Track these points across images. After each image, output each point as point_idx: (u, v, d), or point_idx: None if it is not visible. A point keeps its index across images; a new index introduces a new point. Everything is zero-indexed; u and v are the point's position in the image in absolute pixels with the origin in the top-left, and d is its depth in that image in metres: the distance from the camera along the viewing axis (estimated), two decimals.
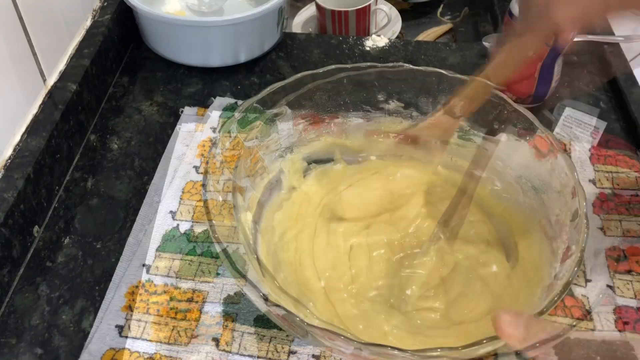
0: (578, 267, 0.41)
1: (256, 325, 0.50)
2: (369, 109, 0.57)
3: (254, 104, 0.50)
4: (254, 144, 0.52)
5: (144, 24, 0.75)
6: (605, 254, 0.55)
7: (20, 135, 0.59)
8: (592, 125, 0.66)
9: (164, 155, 0.63)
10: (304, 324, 0.37)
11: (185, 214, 0.58)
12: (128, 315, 0.50)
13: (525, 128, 0.51)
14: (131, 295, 0.52)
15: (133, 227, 0.57)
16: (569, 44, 0.64)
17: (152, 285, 0.52)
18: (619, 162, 0.63)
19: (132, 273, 0.53)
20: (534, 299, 0.44)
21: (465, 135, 0.55)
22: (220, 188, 0.47)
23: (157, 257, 0.54)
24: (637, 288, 0.53)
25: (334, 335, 0.37)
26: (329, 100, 0.55)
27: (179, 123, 0.67)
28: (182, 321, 0.50)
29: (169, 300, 0.51)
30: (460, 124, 0.54)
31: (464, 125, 0.55)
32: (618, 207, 0.58)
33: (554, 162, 0.49)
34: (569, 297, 0.51)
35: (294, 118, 0.54)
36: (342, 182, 0.57)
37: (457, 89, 0.52)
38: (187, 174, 0.61)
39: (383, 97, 0.56)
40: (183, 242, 0.55)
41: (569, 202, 0.46)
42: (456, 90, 0.52)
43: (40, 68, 0.62)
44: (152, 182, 0.61)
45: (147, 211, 0.58)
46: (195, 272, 0.53)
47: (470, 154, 0.54)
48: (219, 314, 0.50)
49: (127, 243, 0.56)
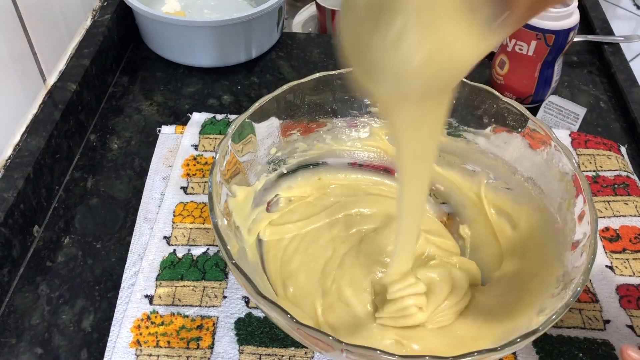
0: (594, 253, 0.41)
1: (273, 346, 0.48)
2: (356, 113, 0.57)
3: (245, 120, 0.50)
4: (249, 159, 0.52)
5: (143, 24, 0.75)
6: (599, 235, 0.56)
7: (20, 135, 0.59)
8: (572, 112, 0.66)
9: (148, 178, 0.61)
10: (341, 344, 0.37)
11: (181, 238, 0.55)
12: (137, 351, 0.48)
13: (516, 120, 0.51)
14: (137, 330, 0.49)
15: (128, 257, 0.54)
16: (569, 44, 0.64)
17: (157, 316, 0.50)
18: (599, 144, 0.64)
19: (135, 306, 0.50)
20: (550, 290, 0.44)
21: (454, 131, 0.55)
22: (222, 209, 0.46)
23: (159, 286, 0.52)
24: (634, 266, 0.54)
25: (371, 351, 0.37)
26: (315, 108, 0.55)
27: (158, 145, 0.64)
28: (196, 350, 0.48)
29: (178, 330, 0.49)
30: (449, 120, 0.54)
31: (453, 122, 0.55)
32: (604, 188, 0.60)
33: (549, 151, 0.49)
34: None
35: (282, 129, 0.54)
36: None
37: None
38: (176, 196, 0.59)
39: (370, 101, 0.56)
40: (183, 268, 0.53)
41: (570, 189, 0.46)
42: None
43: (40, 68, 0.62)
44: (140, 207, 0.58)
45: (139, 240, 0.56)
46: (200, 297, 0.52)
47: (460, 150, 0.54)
48: (233, 339, 0.49)
49: (124, 275, 0.53)
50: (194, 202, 0.58)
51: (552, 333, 0.49)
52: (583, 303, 0.51)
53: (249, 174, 0.52)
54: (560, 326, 0.50)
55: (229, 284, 0.52)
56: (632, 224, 0.57)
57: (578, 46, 0.79)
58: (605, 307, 0.51)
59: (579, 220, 0.44)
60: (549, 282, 0.45)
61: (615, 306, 0.51)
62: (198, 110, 0.69)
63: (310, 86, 0.53)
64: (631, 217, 0.57)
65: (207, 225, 0.57)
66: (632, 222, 0.57)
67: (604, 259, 0.55)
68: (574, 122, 0.66)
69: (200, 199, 0.59)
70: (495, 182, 0.54)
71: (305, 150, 0.57)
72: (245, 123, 0.50)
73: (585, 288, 0.51)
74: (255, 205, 0.53)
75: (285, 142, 0.55)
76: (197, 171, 0.61)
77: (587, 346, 0.49)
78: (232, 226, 0.48)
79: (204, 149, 0.63)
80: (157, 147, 0.64)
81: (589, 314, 0.51)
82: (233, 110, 0.70)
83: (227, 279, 0.53)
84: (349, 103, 0.56)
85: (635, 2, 2.10)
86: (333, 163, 0.59)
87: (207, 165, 0.62)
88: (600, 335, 0.49)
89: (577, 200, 0.45)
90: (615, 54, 0.76)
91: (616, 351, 0.48)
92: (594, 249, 0.41)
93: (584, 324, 0.50)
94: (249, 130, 0.51)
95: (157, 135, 0.66)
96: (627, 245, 0.55)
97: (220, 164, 0.47)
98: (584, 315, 0.51)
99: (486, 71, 0.74)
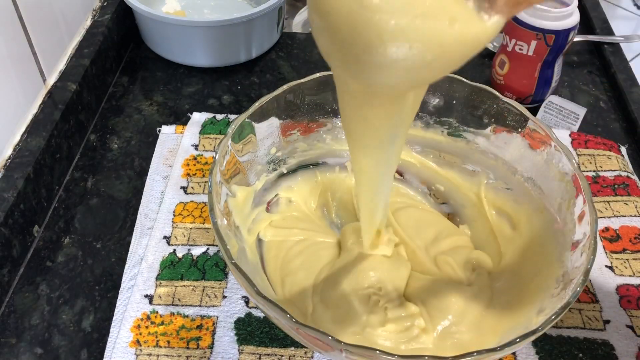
0: (594, 253, 0.41)
1: (273, 346, 0.48)
2: None
3: (245, 119, 0.50)
4: (249, 159, 0.52)
5: (143, 24, 0.75)
6: (599, 235, 0.56)
7: (20, 135, 0.59)
8: (572, 112, 0.66)
9: (148, 178, 0.61)
10: (340, 344, 0.37)
11: (181, 237, 0.55)
12: (137, 350, 0.48)
13: (516, 120, 0.51)
14: (137, 329, 0.49)
15: (128, 257, 0.54)
16: (569, 44, 0.64)
17: (157, 316, 0.50)
18: (598, 144, 0.64)
19: (134, 305, 0.50)
20: (550, 290, 0.44)
21: (454, 131, 0.55)
22: (222, 209, 0.46)
23: (159, 286, 0.52)
24: (634, 266, 0.54)
25: (370, 351, 0.36)
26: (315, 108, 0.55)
27: (158, 145, 0.64)
28: (196, 350, 0.48)
29: (177, 330, 0.49)
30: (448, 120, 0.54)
31: (453, 122, 0.54)
32: (604, 188, 0.60)
33: (549, 152, 0.49)
34: None
35: (282, 129, 0.54)
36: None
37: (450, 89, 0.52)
38: (175, 196, 0.59)
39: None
40: (183, 268, 0.53)
41: (570, 189, 0.46)
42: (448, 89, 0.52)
43: (40, 68, 0.62)
44: (140, 207, 0.58)
45: (139, 240, 0.56)
46: (200, 297, 0.52)
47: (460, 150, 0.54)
48: (233, 339, 0.49)
49: (124, 275, 0.53)
50: (194, 201, 0.58)
51: (551, 333, 0.49)
52: (583, 303, 0.51)
53: (249, 174, 0.52)
54: (560, 326, 0.50)
55: (228, 283, 0.52)
56: (632, 224, 0.57)
57: (578, 46, 0.79)
58: (605, 307, 0.51)
59: (579, 220, 0.44)
60: (548, 282, 0.45)
61: (615, 306, 0.51)
62: (198, 110, 0.69)
63: (310, 86, 0.53)
64: (631, 217, 0.57)
65: (207, 225, 0.57)
66: (632, 222, 0.57)
67: (604, 259, 0.55)
68: (574, 122, 0.66)
69: (200, 198, 0.59)
70: (495, 183, 0.54)
71: (305, 150, 0.57)
72: (245, 123, 0.50)
73: (585, 288, 0.51)
74: (255, 205, 0.53)
75: (285, 142, 0.55)
76: (197, 171, 0.61)
77: (586, 346, 0.49)
78: (232, 226, 0.48)
79: (204, 149, 0.63)
80: (157, 147, 0.64)
81: (588, 314, 0.51)
82: (233, 110, 0.70)
83: (227, 278, 0.53)
84: None
85: (635, 2, 2.10)
86: (333, 163, 0.59)
87: (207, 165, 0.62)
88: (600, 335, 0.49)
89: (577, 201, 0.45)
90: (615, 54, 0.76)
91: (616, 351, 0.48)
92: (594, 250, 0.41)
93: (583, 324, 0.50)
94: (249, 130, 0.51)
95: (157, 135, 0.66)
96: (627, 246, 0.55)
97: (220, 163, 0.47)
98: (584, 315, 0.51)
99: (486, 71, 0.74)
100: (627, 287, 0.52)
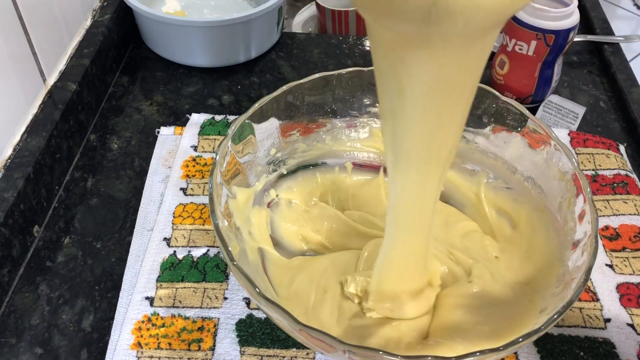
0: (595, 252, 0.41)
1: (275, 347, 0.48)
2: (356, 114, 0.57)
3: (245, 120, 0.49)
4: (249, 160, 0.52)
5: (143, 24, 0.75)
6: (599, 234, 0.56)
7: (20, 135, 0.59)
8: (571, 111, 0.66)
9: (147, 179, 0.61)
10: (343, 345, 0.37)
11: (181, 239, 0.55)
12: (139, 353, 0.48)
13: (516, 120, 0.51)
14: (138, 332, 0.49)
15: (128, 259, 0.54)
16: (569, 44, 0.64)
17: (158, 318, 0.50)
18: (597, 143, 0.64)
19: (135, 308, 0.50)
20: (551, 289, 0.44)
21: None
22: (222, 210, 0.46)
23: (159, 288, 0.52)
24: (634, 264, 0.54)
25: (373, 352, 0.36)
26: (315, 109, 0.55)
27: (157, 146, 0.64)
28: (197, 352, 0.48)
29: (179, 332, 0.49)
30: None
31: None
32: (603, 187, 0.60)
33: (549, 151, 0.49)
34: None
35: (282, 129, 0.54)
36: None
37: None
38: (175, 198, 0.58)
39: (369, 101, 0.56)
40: (183, 269, 0.53)
41: (570, 188, 0.46)
42: None
43: (40, 68, 0.62)
44: (140, 209, 0.58)
45: (140, 241, 0.55)
46: (201, 299, 0.51)
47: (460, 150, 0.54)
48: (234, 340, 0.49)
49: (124, 277, 0.53)
50: (194, 203, 0.58)
51: (553, 332, 0.49)
52: (583, 302, 0.51)
53: (249, 175, 0.52)
54: (561, 325, 0.50)
55: (229, 285, 0.52)
56: (631, 223, 0.57)
57: (578, 46, 0.79)
58: (605, 306, 0.51)
59: (580, 219, 0.44)
60: (549, 281, 0.45)
61: (616, 304, 0.51)
62: (198, 110, 0.69)
63: (310, 86, 0.53)
64: (630, 215, 0.57)
65: (207, 227, 0.57)
66: (631, 221, 0.57)
67: (604, 258, 0.55)
68: (573, 121, 0.66)
69: (200, 200, 0.59)
70: (495, 182, 0.54)
71: (305, 151, 0.57)
72: (245, 124, 0.50)
73: (585, 287, 0.51)
74: (256, 206, 0.53)
75: (285, 143, 0.55)
76: (197, 172, 0.61)
77: (588, 345, 0.49)
78: (233, 227, 0.48)
79: (203, 150, 0.63)
80: (156, 149, 0.64)
81: (589, 313, 0.51)
82: (233, 110, 0.70)
83: (227, 280, 0.53)
84: (349, 103, 0.56)
85: (635, 2, 2.10)
86: (333, 163, 0.58)
87: (207, 166, 0.62)
88: (601, 333, 0.49)
89: (577, 200, 0.45)
90: (615, 54, 0.76)
91: (617, 349, 0.48)
92: (595, 248, 0.41)
93: (584, 322, 0.50)
94: (248, 131, 0.51)
95: (156, 135, 0.66)
96: (627, 244, 0.55)
97: (221, 165, 0.47)
98: (585, 314, 0.51)
99: (486, 71, 0.74)
100: (627, 285, 0.52)
